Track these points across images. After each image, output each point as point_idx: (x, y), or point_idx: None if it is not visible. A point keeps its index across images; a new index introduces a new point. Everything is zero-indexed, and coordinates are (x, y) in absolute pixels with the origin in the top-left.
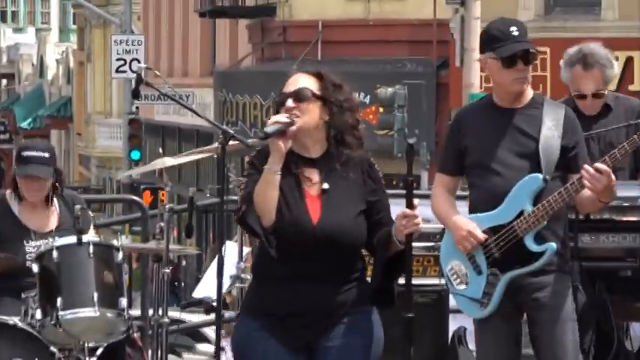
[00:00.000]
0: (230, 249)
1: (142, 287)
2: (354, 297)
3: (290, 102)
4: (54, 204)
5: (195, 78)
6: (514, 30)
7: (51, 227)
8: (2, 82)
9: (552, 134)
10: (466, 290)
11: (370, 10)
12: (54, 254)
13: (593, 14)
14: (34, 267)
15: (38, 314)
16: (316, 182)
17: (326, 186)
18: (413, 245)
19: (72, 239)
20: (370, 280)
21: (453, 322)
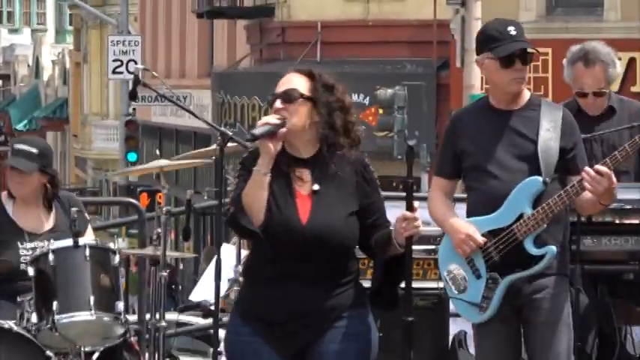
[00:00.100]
0: (227, 252)
1: (139, 291)
2: (347, 300)
3: (278, 103)
4: (51, 205)
5: (192, 79)
6: (511, 29)
7: (45, 228)
8: None
9: (550, 136)
10: (465, 294)
11: (369, 11)
12: (50, 257)
13: (595, 15)
14: (30, 270)
15: (34, 318)
16: (307, 182)
17: (316, 187)
18: (413, 248)
19: (68, 242)
20: (370, 283)
21: (454, 326)
